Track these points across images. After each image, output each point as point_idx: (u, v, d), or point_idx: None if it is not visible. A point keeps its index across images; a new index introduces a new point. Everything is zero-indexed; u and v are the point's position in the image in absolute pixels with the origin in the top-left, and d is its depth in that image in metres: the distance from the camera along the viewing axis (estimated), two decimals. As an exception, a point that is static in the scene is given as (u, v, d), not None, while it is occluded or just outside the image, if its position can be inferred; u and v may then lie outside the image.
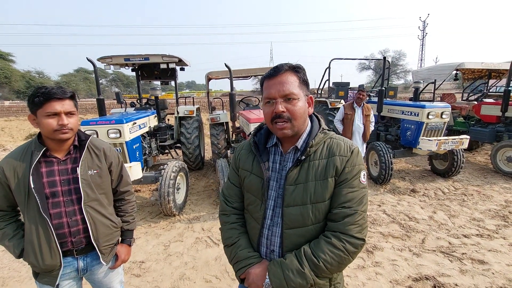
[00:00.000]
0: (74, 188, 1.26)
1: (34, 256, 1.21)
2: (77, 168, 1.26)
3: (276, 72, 0.94)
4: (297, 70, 0.96)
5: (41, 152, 1.21)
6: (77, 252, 1.30)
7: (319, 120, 1.05)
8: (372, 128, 4.56)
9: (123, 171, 1.48)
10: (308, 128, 1.02)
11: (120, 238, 1.49)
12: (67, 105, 1.20)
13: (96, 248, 1.32)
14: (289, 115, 0.92)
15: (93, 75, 4.09)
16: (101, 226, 1.33)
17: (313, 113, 1.05)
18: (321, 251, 0.89)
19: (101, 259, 1.35)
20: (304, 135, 1.00)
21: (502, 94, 5.42)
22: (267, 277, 0.94)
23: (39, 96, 1.15)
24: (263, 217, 1.01)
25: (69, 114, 1.21)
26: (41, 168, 1.22)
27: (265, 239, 1.02)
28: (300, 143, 0.99)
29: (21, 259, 1.27)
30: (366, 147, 4.83)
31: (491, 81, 7.05)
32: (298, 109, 0.93)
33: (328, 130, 1.03)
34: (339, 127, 4.53)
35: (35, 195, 1.17)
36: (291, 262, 0.91)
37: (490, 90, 7.20)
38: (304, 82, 0.97)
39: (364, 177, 0.97)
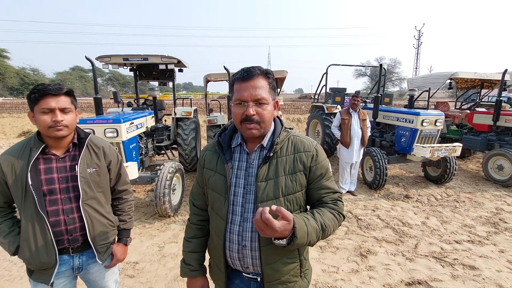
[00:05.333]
0: (72, 186, 1.25)
1: (30, 253, 1.20)
2: (76, 166, 1.26)
3: (249, 75, 0.97)
4: (268, 75, 1.00)
5: (40, 149, 1.20)
6: (73, 250, 1.29)
7: (280, 121, 1.12)
8: (368, 133, 4.62)
9: (121, 170, 1.48)
10: (272, 128, 1.08)
11: (116, 237, 1.49)
12: (62, 101, 1.19)
13: (93, 246, 1.32)
14: (259, 118, 0.98)
15: (89, 74, 4.08)
16: (98, 224, 1.32)
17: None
18: (327, 219, 1.00)
19: (97, 257, 1.34)
20: (269, 134, 1.06)
21: (494, 103, 5.56)
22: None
23: (35, 92, 1.15)
24: (227, 213, 1.04)
25: (64, 110, 1.19)
26: (40, 165, 1.21)
27: (236, 235, 1.03)
28: (266, 141, 1.05)
29: (15, 256, 1.25)
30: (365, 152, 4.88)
31: (483, 91, 7.20)
32: (267, 113, 0.99)
33: (289, 128, 1.11)
34: (337, 133, 4.54)
35: (33, 192, 1.17)
36: (311, 222, 0.94)
37: (483, 100, 7.35)
38: (273, 87, 1.03)
39: (329, 167, 1.12)
